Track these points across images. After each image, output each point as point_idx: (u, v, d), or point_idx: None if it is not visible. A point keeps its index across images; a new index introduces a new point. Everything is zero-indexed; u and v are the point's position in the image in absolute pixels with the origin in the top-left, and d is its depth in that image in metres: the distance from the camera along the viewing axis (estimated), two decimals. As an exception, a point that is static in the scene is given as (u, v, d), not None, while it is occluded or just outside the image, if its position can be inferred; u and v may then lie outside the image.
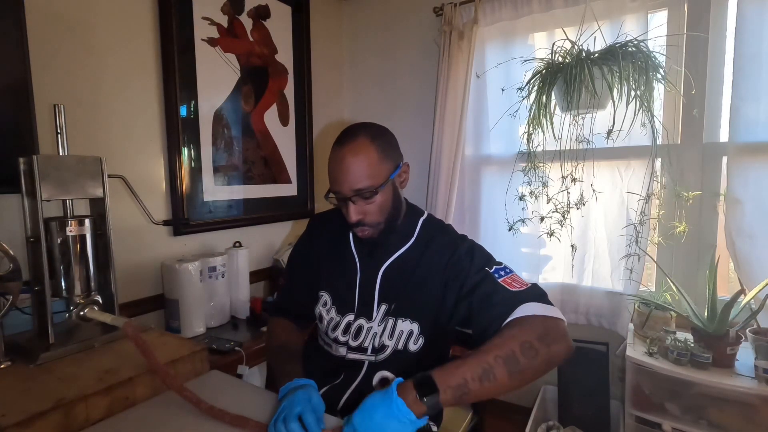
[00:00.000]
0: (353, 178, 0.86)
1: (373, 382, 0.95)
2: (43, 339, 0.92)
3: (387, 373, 0.95)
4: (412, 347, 0.93)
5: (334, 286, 1.02)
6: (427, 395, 0.67)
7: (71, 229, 0.96)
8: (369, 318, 0.96)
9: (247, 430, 0.75)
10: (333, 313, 1.00)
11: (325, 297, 1.02)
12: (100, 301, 1.00)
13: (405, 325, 0.93)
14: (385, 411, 0.67)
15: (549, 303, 0.83)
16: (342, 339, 0.98)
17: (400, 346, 0.94)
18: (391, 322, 0.94)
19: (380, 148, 0.88)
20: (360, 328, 0.97)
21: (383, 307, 0.95)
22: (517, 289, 0.84)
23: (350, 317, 0.98)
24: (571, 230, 1.78)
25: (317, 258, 1.07)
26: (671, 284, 1.56)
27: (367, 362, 0.96)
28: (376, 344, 0.95)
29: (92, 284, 1.00)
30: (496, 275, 0.87)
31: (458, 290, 0.89)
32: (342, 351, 0.98)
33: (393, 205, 0.93)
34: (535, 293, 0.85)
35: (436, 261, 0.93)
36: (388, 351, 0.94)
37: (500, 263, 0.93)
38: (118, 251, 1.12)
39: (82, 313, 0.96)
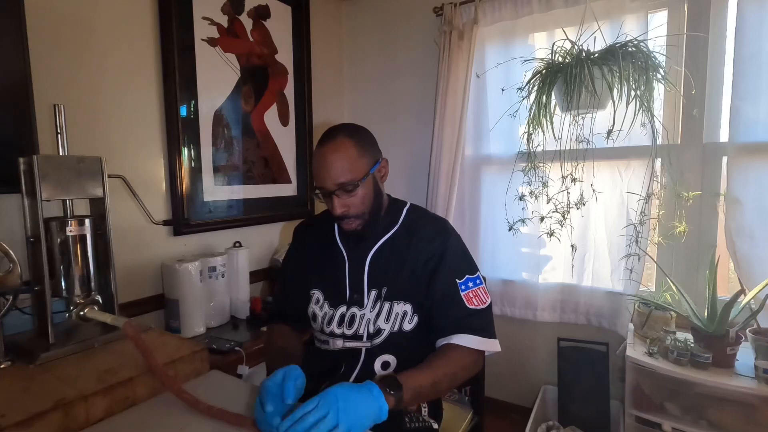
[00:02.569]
0: (335, 173, 0.92)
1: (374, 368, 0.99)
2: (43, 339, 0.92)
3: (388, 357, 0.99)
4: (407, 327, 0.99)
5: (325, 282, 1.06)
6: (394, 389, 0.78)
7: (71, 229, 0.96)
8: (361, 305, 1.01)
9: (246, 429, 0.75)
10: (326, 307, 1.04)
11: (317, 294, 1.06)
12: (100, 301, 1.00)
13: (399, 307, 0.99)
14: (363, 393, 0.74)
15: (488, 335, 0.96)
16: (337, 331, 1.02)
17: (395, 329, 0.98)
18: (387, 306, 0.99)
19: (358, 144, 0.95)
20: (353, 317, 1.01)
21: (373, 293, 1.00)
22: (473, 308, 0.96)
23: (343, 308, 1.02)
24: (571, 230, 1.78)
25: (306, 261, 1.11)
26: (671, 284, 1.56)
27: (363, 349, 1.00)
28: (371, 330, 0.99)
29: (92, 284, 1.00)
30: (462, 287, 0.97)
31: (430, 281, 0.99)
32: (339, 343, 1.02)
33: (374, 198, 0.99)
34: (482, 322, 0.96)
35: (425, 246, 1.00)
36: (384, 334, 0.99)
37: (474, 272, 1.01)
38: (118, 251, 1.12)
39: (82, 313, 0.96)
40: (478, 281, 1.00)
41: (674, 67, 1.58)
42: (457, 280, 0.97)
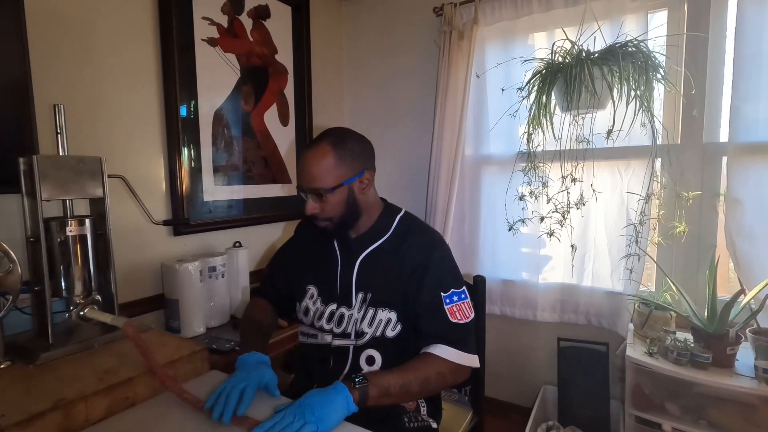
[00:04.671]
0: (309, 178, 0.98)
1: (360, 363, 1.03)
2: (43, 339, 0.92)
3: (372, 352, 1.02)
4: (390, 333, 1.01)
5: (319, 279, 1.10)
6: (360, 384, 0.85)
7: (71, 229, 0.96)
8: (349, 306, 1.04)
9: (245, 428, 0.76)
10: (319, 303, 1.09)
11: (312, 290, 1.11)
12: (100, 301, 1.01)
13: (384, 314, 1.01)
14: (329, 392, 0.82)
15: (466, 349, 0.98)
16: (327, 327, 1.06)
17: (378, 333, 1.01)
18: (371, 311, 1.02)
19: (339, 155, 0.98)
20: (342, 316, 1.04)
21: (360, 295, 1.03)
22: (455, 321, 0.99)
23: (333, 306, 1.06)
24: (571, 230, 1.78)
25: (303, 257, 1.16)
26: (671, 284, 1.56)
27: (351, 347, 1.03)
28: (358, 329, 1.03)
29: (92, 284, 1.00)
30: (447, 300, 1.00)
31: (415, 291, 1.01)
32: (328, 338, 1.06)
33: (346, 207, 1.02)
34: (461, 335, 0.99)
35: (411, 257, 1.02)
36: (367, 337, 1.02)
37: (459, 287, 1.03)
38: (118, 251, 1.12)
39: (82, 313, 0.97)
40: (462, 296, 1.02)
41: (674, 67, 1.58)
42: (441, 293, 1.00)
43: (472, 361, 0.99)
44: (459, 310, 1.00)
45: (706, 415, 1.36)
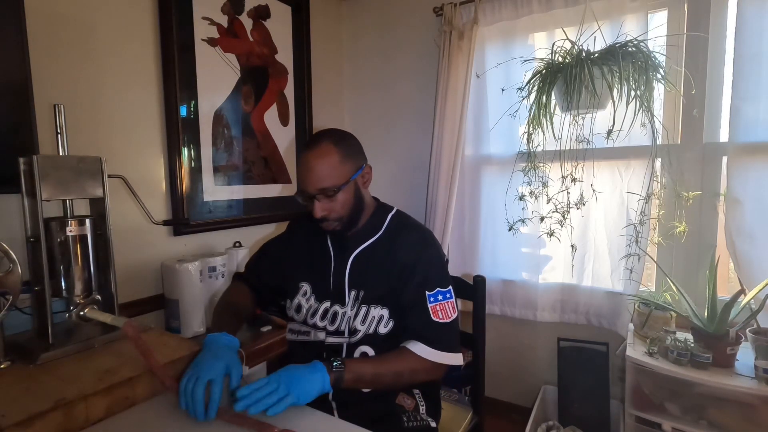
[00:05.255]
0: (317, 178, 0.98)
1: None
2: (43, 339, 0.92)
3: (365, 348, 1.03)
4: (382, 330, 1.03)
5: (313, 277, 1.11)
6: (336, 368, 0.89)
7: (71, 229, 0.96)
8: (342, 304, 1.05)
9: (246, 428, 0.76)
10: (312, 300, 1.09)
11: (306, 287, 1.11)
12: (100, 300, 1.01)
13: (376, 311, 1.03)
14: (309, 369, 0.87)
15: (445, 348, 0.99)
16: (320, 324, 1.07)
17: (371, 330, 1.03)
18: (364, 309, 1.03)
19: (342, 151, 1.00)
20: (335, 314, 1.05)
21: (353, 293, 1.04)
22: (436, 320, 1.00)
23: (327, 304, 1.07)
24: (571, 230, 1.78)
25: (296, 254, 1.16)
26: (671, 284, 1.56)
27: (345, 344, 1.04)
28: (351, 326, 1.04)
29: (92, 284, 1.00)
30: (431, 299, 1.01)
31: (403, 287, 1.03)
32: (321, 336, 1.06)
33: (355, 202, 1.04)
34: (439, 335, 1.00)
35: (403, 254, 1.03)
36: (360, 335, 1.03)
37: (445, 286, 1.04)
38: (118, 251, 1.12)
39: (82, 313, 0.96)
40: (448, 295, 1.04)
41: (674, 67, 1.58)
42: (426, 291, 1.01)
43: (450, 359, 1.00)
44: (442, 310, 1.02)
45: (706, 415, 1.36)
